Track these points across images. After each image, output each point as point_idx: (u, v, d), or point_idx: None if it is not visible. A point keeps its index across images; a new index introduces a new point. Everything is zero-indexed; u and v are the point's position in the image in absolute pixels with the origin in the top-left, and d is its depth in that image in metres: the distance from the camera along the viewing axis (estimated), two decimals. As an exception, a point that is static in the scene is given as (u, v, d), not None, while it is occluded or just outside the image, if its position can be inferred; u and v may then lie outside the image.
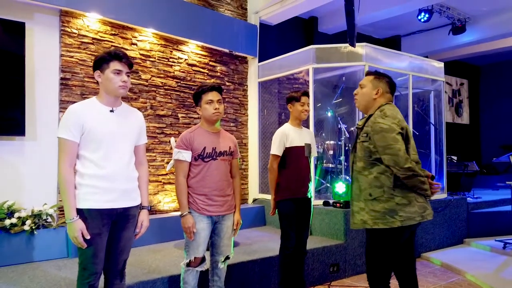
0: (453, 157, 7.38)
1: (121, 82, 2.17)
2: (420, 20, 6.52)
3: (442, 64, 5.96)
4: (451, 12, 6.82)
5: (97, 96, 2.22)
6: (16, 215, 3.47)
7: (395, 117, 2.33)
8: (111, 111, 2.22)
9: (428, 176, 2.34)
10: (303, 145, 3.24)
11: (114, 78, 2.15)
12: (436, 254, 5.03)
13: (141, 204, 2.34)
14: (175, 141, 3.00)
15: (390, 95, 2.51)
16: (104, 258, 2.17)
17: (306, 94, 3.27)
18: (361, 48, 4.80)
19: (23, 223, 3.47)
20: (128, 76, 2.22)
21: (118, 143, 2.18)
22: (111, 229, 2.19)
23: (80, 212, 2.08)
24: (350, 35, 3.51)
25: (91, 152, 2.12)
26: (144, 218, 2.34)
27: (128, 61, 2.23)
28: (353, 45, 3.85)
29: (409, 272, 2.51)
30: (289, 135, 3.21)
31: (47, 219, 3.63)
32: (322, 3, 5.33)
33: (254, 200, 5.68)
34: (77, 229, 2.04)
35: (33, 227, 3.48)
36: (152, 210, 4.63)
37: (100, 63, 2.17)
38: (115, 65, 2.16)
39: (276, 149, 3.20)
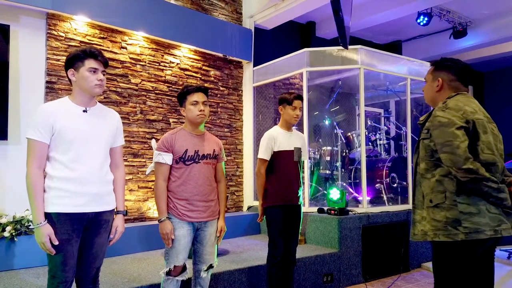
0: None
1: (97, 80, 2.08)
2: (419, 23, 6.41)
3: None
4: (452, 16, 6.70)
5: (69, 96, 2.13)
6: (-3, 221, 3.38)
7: (459, 109, 1.95)
8: (84, 111, 2.12)
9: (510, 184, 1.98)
10: (292, 149, 3.11)
11: (90, 76, 2.06)
12: (437, 264, 4.83)
13: (116, 208, 2.23)
14: (156, 142, 2.89)
15: (459, 83, 2.12)
16: (75, 265, 2.06)
17: (300, 97, 3.11)
18: (356, 51, 4.69)
19: (3, 230, 3.36)
20: (104, 74, 2.13)
21: (90, 145, 2.08)
22: (83, 235, 2.08)
23: (49, 216, 1.98)
24: (341, 36, 3.40)
25: (61, 154, 2.03)
26: (118, 223, 2.23)
27: (104, 59, 2.14)
28: (345, 46, 3.73)
29: None
30: (278, 138, 3.08)
31: (29, 225, 3.52)
32: (316, 6, 5.24)
33: (249, 208, 5.54)
34: (45, 234, 1.94)
35: (14, 234, 3.38)
36: (141, 217, 4.52)
37: (74, 61, 2.08)
38: (90, 63, 2.07)
39: (263, 153, 3.08)
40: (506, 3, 6.35)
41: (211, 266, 2.62)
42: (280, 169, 3.07)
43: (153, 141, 3.18)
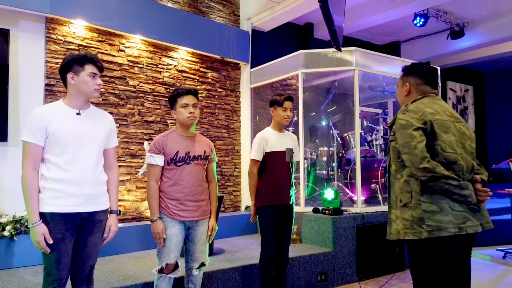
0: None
1: (97, 85, 2.17)
2: (415, 24, 6.45)
3: (437, 69, 5.86)
4: (449, 17, 6.73)
5: (64, 99, 2.20)
6: (-3, 220, 3.47)
7: (418, 111, 2.04)
8: (78, 113, 2.18)
9: (477, 181, 2.02)
10: (284, 150, 3.17)
11: (90, 81, 2.15)
12: (432, 263, 4.87)
13: (110, 208, 2.30)
14: (149, 144, 2.97)
15: (426, 86, 2.20)
16: (69, 263, 2.13)
17: (290, 99, 3.17)
18: (351, 53, 4.74)
19: (3, 229, 3.45)
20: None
21: (84, 147, 2.15)
22: (77, 234, 2.15)
23: (43, 216, 2.05)
24: (333, 38, 3.45)
25: (55, 156, 2.09)
26: (112, 222, 2.30)
27: (101, 65, 2.23)
28: (338, 49, 3.79)
29: None
30: (269, 139, 3.14)
31: (28, 225, 3.60)
32: (311, 9, 5.28)
33: (247, 208, 5.60)
34: (40, 233, 2.01)
35: (13, 233, 3.46)
36: (138, 217, 4.60)
37: (73, 65, 2.15)
38: (90, 68, 2.15)
39: (255, 153, 3.14)
40: (502, 4, 6.38)
41: (203, 264, 2.69)
42: (272, 170, 3.13)
43: (146, 143, 3.25)
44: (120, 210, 2.53)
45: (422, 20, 6.34)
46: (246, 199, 5.67)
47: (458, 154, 1.99)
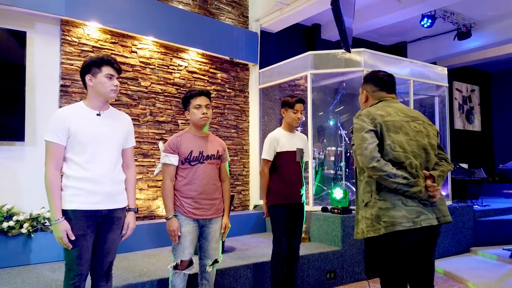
0: (462, 165, 7.24)
1: (113, 86, 2.24)
2: (423, 25, 6.48)
3: (445, 70, 5.90)
4: (456, 18, 6.76)
5: (84, 100, 2.28)
6: (15, 218, 3.55)
7: (369, 115, 2.14)
8: (98, 114, 2.26)
9: (426, 176, 2.09)
10: (295, 150, 3.23)
11: (107, 82, 2.22)
12: (440, 262, 4.92)
13: (127, 206, 2.37)
14: (163, 144, 3.04)
15: (381, 92, 2.31)
16: (89, 259, 2.20)
17: (301, 101, 3.23)
18: (359, 54, 4.80)
19: (21, 226, 3.54)
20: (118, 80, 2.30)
21: (103, 146, 2.22)
22: (97, 231, 2.23)
23: (65, 213, 2.12)
24: (343, 40, 3.51)
25: (76, 155, 2.17)
26: (130, 220, 2.37)
27: (119, 67, 2.30)
28: (348, 50, 3.85)
29: None
30: (280, 140, 3.21)
31: (45, 222, 3.70)
32: (320, 10, 5.35)
33: (255, 207, 5.67)
34: (62, 230, 2.08)
35: (31, 230, 3.55)
36: (150, 216, 4.69)
37: (91, 67, 2.23)
38: (107, 69, 2.23)
39: (266, 153, 3.21)
40: (509, 5, 6.39)
41: (216, 261, 2.76)
42: (283, 169, 3.19)
43: (160, 143, 3.32)
44: (137, 208, 2.61)
45: (430, 21, 6.37)
46: (255, 198, 5.74)
47: (408, 152, 2.09)
